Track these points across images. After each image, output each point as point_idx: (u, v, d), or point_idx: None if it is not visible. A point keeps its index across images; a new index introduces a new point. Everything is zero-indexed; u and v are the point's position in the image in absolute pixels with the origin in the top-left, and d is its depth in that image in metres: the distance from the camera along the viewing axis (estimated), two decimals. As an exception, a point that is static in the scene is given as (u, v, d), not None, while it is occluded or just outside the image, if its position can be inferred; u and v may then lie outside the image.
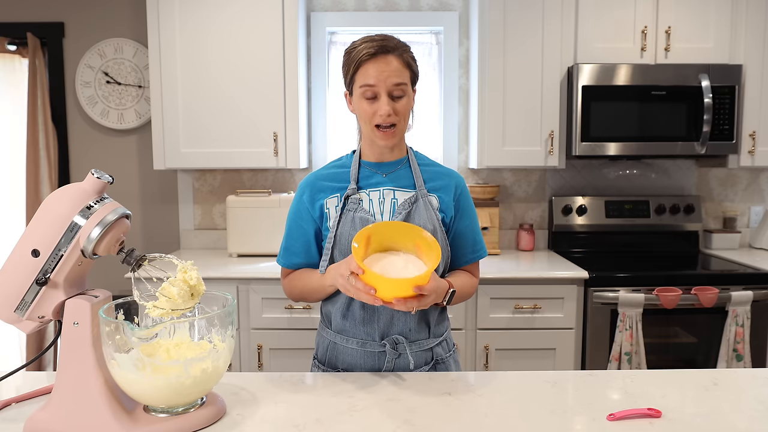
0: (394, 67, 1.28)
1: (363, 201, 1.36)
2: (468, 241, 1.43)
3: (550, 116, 2.70)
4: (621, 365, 2.37)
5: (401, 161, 1.42)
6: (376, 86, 1.28)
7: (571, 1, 2.64)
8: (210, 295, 1.12)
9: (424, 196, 1.36)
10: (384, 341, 1.34)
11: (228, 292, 1.66)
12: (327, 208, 1.37)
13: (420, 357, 1.37)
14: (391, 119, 1.30)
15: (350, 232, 1.32)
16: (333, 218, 1.35)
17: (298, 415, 1.09)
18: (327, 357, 1.41)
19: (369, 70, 1.28)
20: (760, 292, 2.41)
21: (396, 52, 1.29)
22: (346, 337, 1.37)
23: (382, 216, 1.35)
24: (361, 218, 1.33)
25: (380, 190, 1.37)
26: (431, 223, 1.34)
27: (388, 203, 1.36)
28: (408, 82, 1.31)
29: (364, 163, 1.42)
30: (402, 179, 1.39)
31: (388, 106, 1.28)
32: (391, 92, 1.29)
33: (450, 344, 1.46)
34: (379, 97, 1.29)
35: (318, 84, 3.01)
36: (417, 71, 1.35)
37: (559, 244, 3.00)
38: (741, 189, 3.10)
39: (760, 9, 2.65)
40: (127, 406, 1.04)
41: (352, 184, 1.37)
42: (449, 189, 1.40)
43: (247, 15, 2.64)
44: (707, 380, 1.25)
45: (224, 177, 3.06)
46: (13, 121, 3.05)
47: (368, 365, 1.36)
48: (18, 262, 1.02)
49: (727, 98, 2.63)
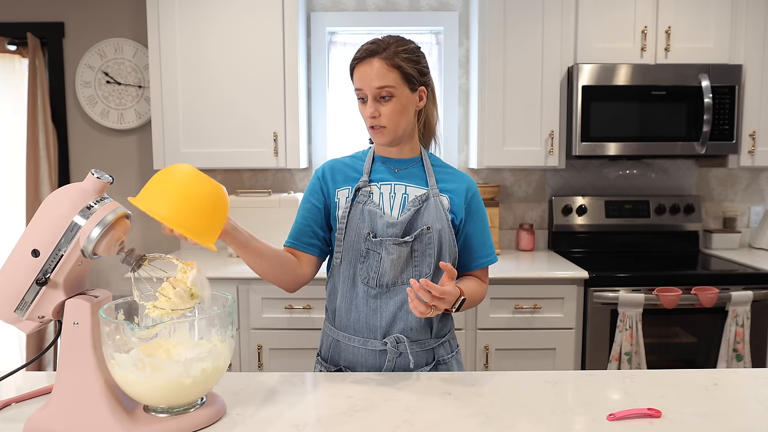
0: (376, 71, 1.29)
1: (373, 194, 1.37)
2: (478, 245, 1.42)
3: (550, 116, 2.70)
4: (621, 365, 2.37)
5: (414, 160, 1.42)
6: (363, 89, 1.31)
7: (571, 1, 2.64)
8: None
9: (435, 195, 1.36)
10: (385, 339, 1.34)
11: (228, 292, 1.66)
12: (337, 198, 1.39)
13: (421, 357, 1.37)
14: (375, 121, 1.32)
15: (358, 224, 1.33)
16: (342, 209, 1.37)
17: (298, 415, 1.09)
18: (330, 354, 1.42)
19: (356, 74, 1.32)
20: (760, 292, 2.41)
21: (382, 55, 1.29)
22: (349, 334, 1.37)
23: (391, 211, 1.35)
24: (370, 211, 1.34)
25: (392, 184, 1.38)
26: (440, 222, 1.34)
27: (398, 198, 1.37)
28: (395, 84, 1.29)
29: (377, 157, 1.44)
30: (414, 177, 1.40)
31: (371, 109, 1.31)
32: (376, 95, 1.31)
33: (453, 345, 1.45)
34: (368, 99, 1.32)
35: (318, 84, 3.01)
36: (412, 71, 1.32)
37: (559, 244, 3.00)
38: (741, 189, 3.10)
39: (760, 9, 2.65)
40: (127, 406, 1.04)
41: (364, 176, 1.39)
42: (461, 191, 1.40)
43: (247, 15, 2.64)
44: (707, 380, 1.25)
45: (224, 177, 3.06)
46: (13, 121, 3.05)
47: (369, 363, 1.36)
48: (18, 262, 1.02)
49: (727, 98, 2.63)
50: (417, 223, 1.34)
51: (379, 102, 1.31)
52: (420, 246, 1.33)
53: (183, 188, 1.04)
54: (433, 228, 1.33)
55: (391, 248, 1.32)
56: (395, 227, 1.32)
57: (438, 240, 1.33)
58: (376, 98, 1.31)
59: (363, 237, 1.33)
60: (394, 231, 1.32)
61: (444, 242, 1.34)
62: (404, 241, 1.32)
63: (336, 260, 1.37)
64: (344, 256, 1.36)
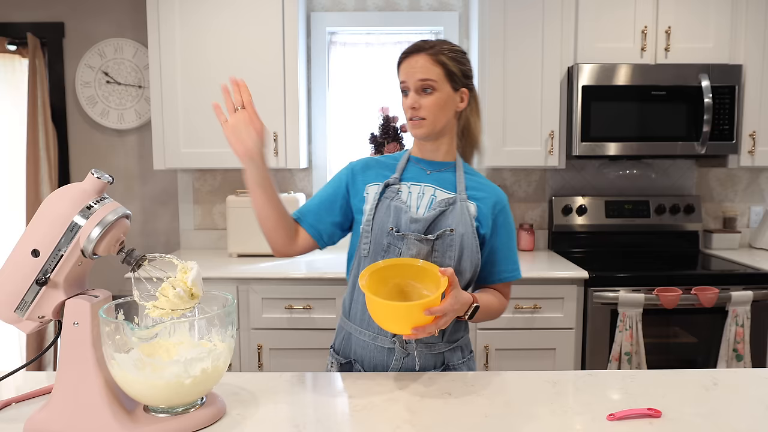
0: (420, 64, 1.34)
1: (402, 192, 1.39)
2: (501, 259, 1.42)
3: (550, 116, 2.70)
4: (621, 365, 2.37)
5: (448, 164, 1.43)
6: (406, 82, 1.36)
7: (571, 1, 2.64)
8: (210, 295, 1.12)
9: (463, 201, 1.37)
10: (394, 338, 1.34)
11: (228, 292, 1.66)
12: (366, 193, 1.41)
13: (429, 360, 1.37)
14: (415, 112, 1.36)
15: (383, 218, 1.35)
16: (370, 203, 1.38)
17: (298, 415, 1.09)
18: (342, 347, 1.43)
19: (402, 68, 1.38)
20: (760, 292, 2.41)
21: (428, 51, 1.35)
22: (361, 328, 1.38)
23: (417, 209, 1.36)
24: (396, 207, 1.35)
25: (421, 186, 1.40)
26: (464, 227, 1.34)
27: (426, 199, 1.38)
28: (437, 78, 1.34)
29: (412, 158, 1.46)
30: (445, 182, 1.41)
31: (411, 100, 1.36)
32: (418, 88, 1.35)
33: (466, 351, 1.45)
34: (410, 92, 1.36)
35: (318, 84, 3.01)
36: (456, 70, 1.36)
37: (559, 244, 3.00)
38: (741, 189, 3.10)
39: (760, 9, 2.65)
40: (127, 406, 1.04)
41: (396, 174, 1.41)
42: (489, 201, 1.40)
43: (247, 15, 2.64)
44: (707, 380, 1.25)
45: (224, 177, 3.06)
46: (13, 121, 3.04)
47: (377, 359, 1.37)
48: (18, 262, 1.02)
49: (727, 98, 2.63)
50: (441, 223, 1.34)
51: (421, 95, 1.35)
52: (441, 246, 1.33)
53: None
54: (457, 231, 1.33)
55: (412, 244, 1.32)
56: (418, 223, 1.33)
57: (460, 243, 1.33)
58: (418, 91, 1.35)
59: (386, 231, 1.34)
60: (417, 227, 1.33)
61: (466, 247, 1.33)
62: (426, 238, 1.32)
63: (363, 252, 1.37)
64: (370, 250, 1.37)
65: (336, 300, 2.43)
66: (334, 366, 1.43)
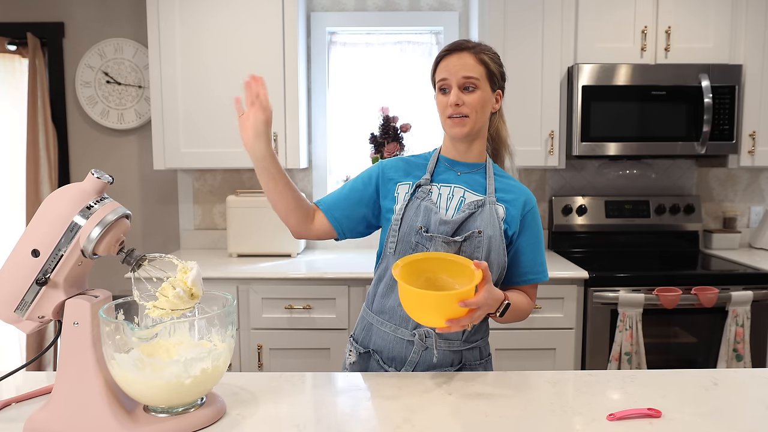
0: (465, 62, 1.34)
1: (432, 192, 1.39)
2: (528, 260, 1.41)
3: (550, 116, 2.70)
4: (621, 365, 2.37)
5: (478, 166, 1.43)
6: (448, 79, 1.35)
7: (571, 1, 2.64)
8: (210, 295, 1.12)
9: (492, 203, 1.37)
10: (414, 331, 1.35)
11: (228, 292, 1.66)
12: (397, 193, 1.41)
13: (447, 356, 1.37)
14: (458, 109, 1.35)
15: (413, 218, 1.35)
16: (401, 203, 1.39)
17: (298, 415, 1.09)
18: (362, 336, 1.44)
19: (443, 65, 1.37)
20: (760, 292, 2.41)
21: (471, 50, 1.35)
22: (383, 319, 1.39)
23: (446, 211, 1.36)
24: (426, 207, 1.36)
25: (451, 187, 1.40)
26: (492, 229, 1.34)
27: (456, 200, 1.38)
28: (480, 77, 1.34)
29: (442, 158, 1.46)
30: (475, 183, 1.41)
31: (454, 97, 1.35)
32: (461, 85, 1.34)
33: (485, 352, 1.45)
34: (451, 89, 1.35)
35: (318, 84, 3.01)
36: (496, 70, 1.37)
37: (559, 244, 3.00)
38: (741, 189, 3.10)
39: (760, 9, 2.65)
40: (127, 406, 1.04)
41: (427, 174, 1.41)
42: (518, 203, 1.40)
43: (247, 15, 2.64)
44: (707, 380, 1.25)
45: (224, 177, 3.06)
46: (13, 121, 3.05)
47: (396, 351, 1.37)
48: (18, 262, 1.02)
49: (727, 98, 2.63)
50: (469, 225, 1.34)
51: (463, 92, 1.35)
52: (469, 248, 1.33)
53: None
54: (485, 233, 1.33)
55: (440, 245, 1.33)
56: (447, 225, 1.33)
57: (487, 245, 1.33)
58: (461, 88, 1.35)
59: (415, 230, 1.35)
60: (445, 229, 1.33)
61: (493, 249, 1.33)
62: (454, 240, 1.33)
63: (390, 250, 1.38)
64: (396, 248, 1.37)
65: (336, 300, 2.43)
66: (353, 354, 1.44)
